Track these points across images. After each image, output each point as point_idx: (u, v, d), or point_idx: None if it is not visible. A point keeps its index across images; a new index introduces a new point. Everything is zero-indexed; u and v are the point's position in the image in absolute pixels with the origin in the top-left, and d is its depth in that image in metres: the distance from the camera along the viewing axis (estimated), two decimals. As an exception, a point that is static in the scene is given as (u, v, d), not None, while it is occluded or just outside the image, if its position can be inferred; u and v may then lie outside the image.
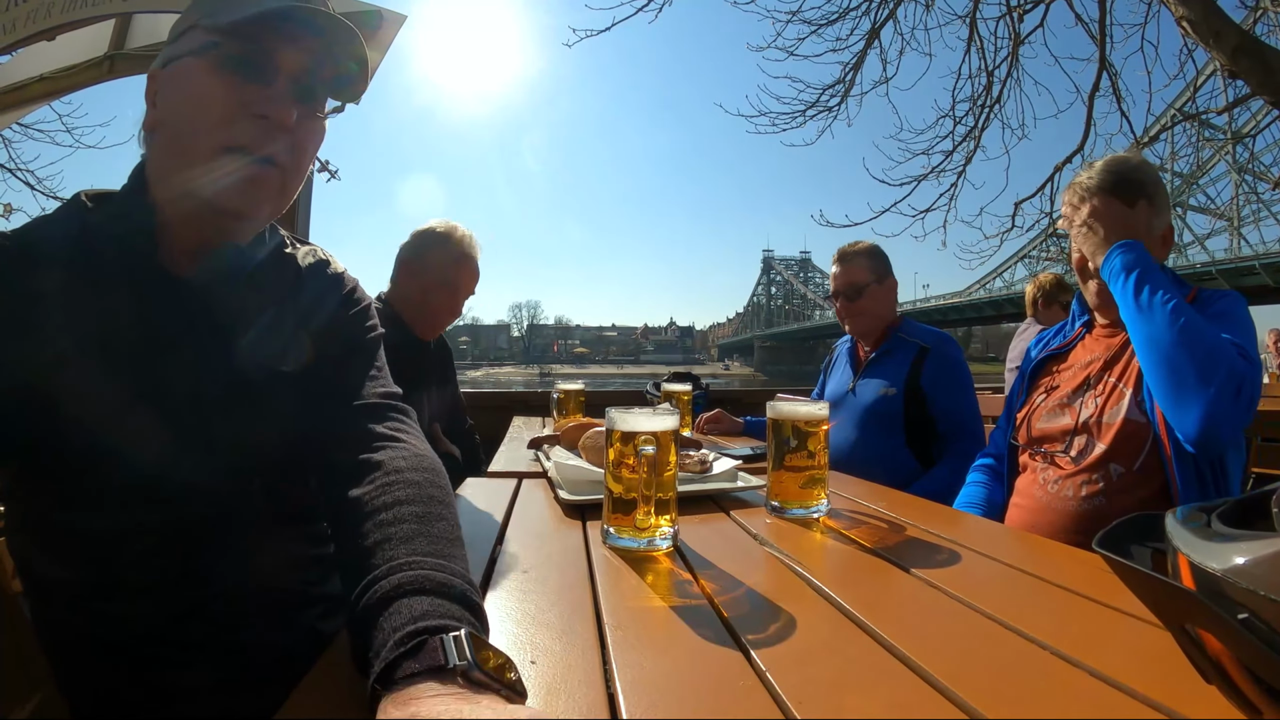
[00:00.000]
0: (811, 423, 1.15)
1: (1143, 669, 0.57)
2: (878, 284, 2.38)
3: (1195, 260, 57.49)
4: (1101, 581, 0.79)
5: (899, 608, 0.77)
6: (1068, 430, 1.47)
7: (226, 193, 0.79)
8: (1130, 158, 1.53)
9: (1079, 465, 1.42)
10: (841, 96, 6.63)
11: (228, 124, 0.78)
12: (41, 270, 0.77)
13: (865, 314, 2.37)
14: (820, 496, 1.16)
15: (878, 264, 2.40)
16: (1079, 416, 1.45)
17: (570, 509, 1.22)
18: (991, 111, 6.40)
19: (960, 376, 2.26)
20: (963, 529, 1.11)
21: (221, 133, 0.78)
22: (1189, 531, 0.49)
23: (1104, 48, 5.62)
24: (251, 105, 0.79)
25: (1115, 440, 1.37)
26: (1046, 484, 1.46)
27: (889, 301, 2.41)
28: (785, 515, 1.15)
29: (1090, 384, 1.48)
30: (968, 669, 0.58)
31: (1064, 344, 1.63)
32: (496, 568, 0.90)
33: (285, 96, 0.81)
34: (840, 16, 6.33)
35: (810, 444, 1.14)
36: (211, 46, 0.79)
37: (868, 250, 2.42)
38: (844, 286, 2.39)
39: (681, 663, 0.60)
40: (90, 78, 4.84)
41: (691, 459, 1.47)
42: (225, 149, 0.79)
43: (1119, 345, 1.47)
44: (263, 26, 0.79)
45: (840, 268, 2.42)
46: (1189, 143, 9.57)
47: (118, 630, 0.84)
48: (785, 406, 1.17)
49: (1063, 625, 0.69)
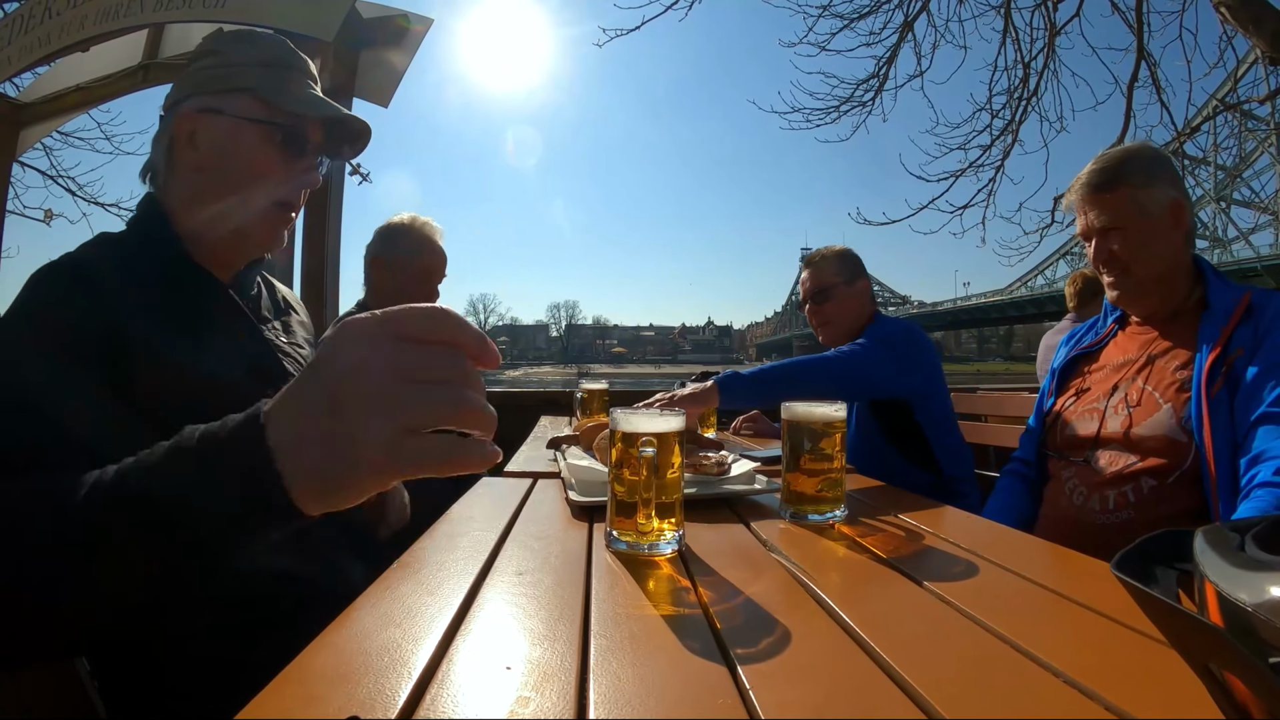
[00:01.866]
0: (830, 425, 1.10)
1: (1165, 705, 0.52)
2: (847, 285, 2.24)
3: (1240, 256, 54.77)
4: (1129, 600, 0.72)
5: (905, 624, 0.72)
6: (1096, 438, 1.39)
7: (269, 235, 1.01)
8: (1111, 153, 1.47)
9: (1107, 476, 1.34)
10: (875, 91, 6.50)
11: (280, 187, 0.99)
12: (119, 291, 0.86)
13: (834, 321, 2.24)
14: (837, 502, 1.11)
15: (847, 266, 2.26)
16: (1108, 424, 1.37)
17: (579, 511, 1.19)
18: (1029, 104, 6.21)
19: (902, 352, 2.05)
20: (984, 539, 1.05)
21: (275, 191, 0.99)
22: (1219, 555, 0.44)
23: (1141, 36, 5.40)
24: (297, 175, 1.00)
25: (1149, 453, 1.29)
26: (1073, 495, 1.39)
27: (859, 305, 2.26)
28: (800, 522, 1.11)
29: (1121, 389, 1.40)
30: (968, 695, 0.53)
31: (1095, 342, 1.55)
32: (493, 568, 0.88)
33: (316, 166, 1.03)
34: (873, 10, 6.23)
35: (826, 447, 1.09)
36: (269, 121, 0.97)
37: (838, 253, 2.30)
38: (812, 290, 2.26)
39: (662, 676, 0.57)
40: (125, 86, 5.03)
41: (709, 460, 1.44)
42: (275, 203, 1.00)
43: (1152, 346, 1.39)
44: (317, 120, 1.01)
45: (807, 272, 2.31)
46: (1231, 134, 9.14)
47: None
48: (800, 408, 1.12)
49: (1081, 649, 0.63)
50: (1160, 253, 1.39)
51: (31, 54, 4.43)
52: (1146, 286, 1.41)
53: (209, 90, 0.95)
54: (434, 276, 2.18)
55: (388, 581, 0.82)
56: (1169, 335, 1.39)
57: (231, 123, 0.95)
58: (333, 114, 1.01)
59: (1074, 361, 1.56)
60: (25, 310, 0.82)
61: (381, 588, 0.79)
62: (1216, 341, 1.27)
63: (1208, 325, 1.32)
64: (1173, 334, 1.39)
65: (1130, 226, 1.38)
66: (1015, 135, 6.38)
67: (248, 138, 0.96)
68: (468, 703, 0.53)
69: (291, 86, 0.98)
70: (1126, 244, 1.39)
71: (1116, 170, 1.41)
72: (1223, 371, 1.25)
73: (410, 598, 0.76)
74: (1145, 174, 1.39)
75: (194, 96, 0.95)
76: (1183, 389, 1.29)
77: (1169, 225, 1.38)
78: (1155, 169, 1.40)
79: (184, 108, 0.95)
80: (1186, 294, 1.41)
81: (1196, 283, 1.42)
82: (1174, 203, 1.38)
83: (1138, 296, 1.44)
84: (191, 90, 0.96)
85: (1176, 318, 1.41)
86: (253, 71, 0.96)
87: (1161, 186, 1.38)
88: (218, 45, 1.01)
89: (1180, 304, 1.41)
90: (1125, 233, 1.39)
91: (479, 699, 0.53)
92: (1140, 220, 1.38)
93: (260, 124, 0.96)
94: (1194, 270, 1.43)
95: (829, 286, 2.24)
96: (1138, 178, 1.39)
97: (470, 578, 0.83)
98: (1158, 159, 1.44)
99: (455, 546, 0.98)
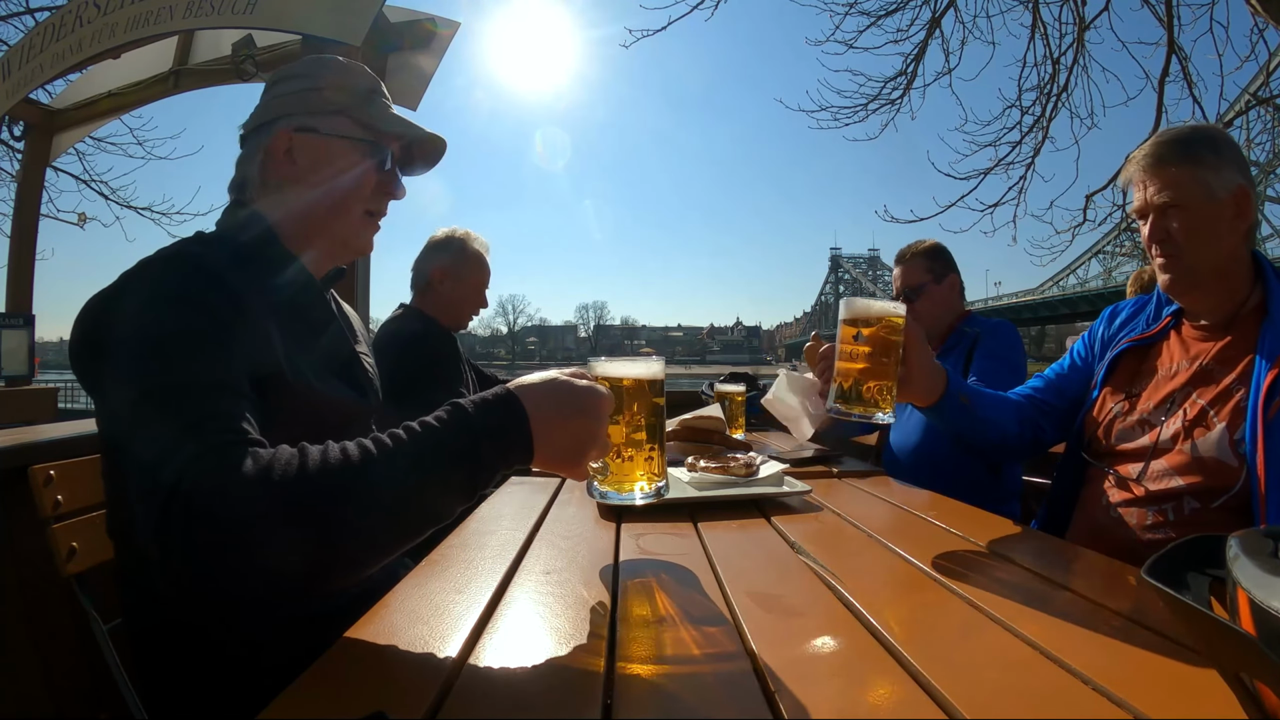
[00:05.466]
0: (886, 322, 1.08)
1: (1194, 714, 0.51)
2: (936, 283, 2.30)
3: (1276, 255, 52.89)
4: (1161, 607, 0.72)
5: (933, 628, 0.71)
6: (1143, 452, 1.29)
7: (363, 241, 1.13)
8: (1179, 128, 1.35)
9: (1148, 492, 1.25)
10: (904, 89, 6.40)
11: (374, 200, 1.12)
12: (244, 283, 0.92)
13: (924, 315, 2.29)
14: (888, 404, 1.09)
15: (937, 263, 2.32)
16: (1160, 441, 1.27)
17: (607, 511, 1.20)
18: (1059, 100, 6.05)
19: (1001, 351, 2.12)
20: (1020, 544, 1.03)
21: (370, 203, 1.11)
22: (1253, 562, 0.44)
23: (1172, 30, 5.24)
24: (388, 189, 1.13)
25: (1195, 474, 1.20)
26: (1110, 508, 1.31)
27: (950, 301, 2.32)
28: (849, 417, 1.09)
29: (1175, 401, 1.29)
30: (995, 700, 0.53)
31: (1147, 334, 1.43)
32: (520, 567, 0.89)
33: (399, 179, 1.16)
34: (900, 7, 6.11)
35: (880, 347, 1.08)
36: (367, 143, 1.09)
37: (927, 249, 2.35)
38: (902, 289, 2.34)
39: (686, 676, 0.58)
40: (157, 93, 5.14)
41: (738, 461, 1.44)
42: (368, 213, 1.12)
43: (1207, 354, 1.29)
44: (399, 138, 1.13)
45: (899, 269, 2.38)
46: (1264, 129, 8.85)
47: None
48: (860, 302, 1.11)
49: (1111, 656, 0.62)
50: (1219, 241, 1.27)
51: (63, 61, 4.54)
52: (1199, 276, 1.30)
53: (304, 111, 1.07)
54: (484, 284, 2.42)
55: (416, 579, 0.83)
56: (1225, 344, 1.29)
57: (327, 140, 1.06)
58: (420, 135, 1.14)
59: (1126, 355, 1.45)
60: (178, 294, 0.83)
61: (410, 585, 0.81)
62: (1278, 354, 1.18)
63: (1268, 336, 1.21)
64: (1230, 343, 1.28)
65: (1192, 206, 1.27)
66: (1046, 132, 6.23)
67: (342, 153, 1.07)
68: (494, 701, 0.54)
69: (378, 109, 1.11)
70: (1185, 225, 1.27)
71: (1185, 144, 1.29)
72: None
73: (438, 595, 0.77)
74: (1215, 153, 1.27)
75: (290, 116, 1.06)
76: (1240, 407, 1.19)
77: (1232, 213, 1.26)
78: (1226, 150, 1.28)
79: (279, 126, 1.05)
80: (1245, 295, 1.31)
81: (1256, 283, 1.31)
82: (1240, 189, 1.26)
83: (1190, 286, 1.32)
84: (286, 112, 1.07)
85: (1234, 323, 1.30)
86: (345, 95, 1.09)
87: (1230, 171, 1.26)
88: (304, 69, 1.11)
89: (1237, 306, 1.31)
90: (1186, 212, 1.27)
91: (505, 697, 0.54)
92: (1204, 201, 1.26)
93: (354, 141, 1.07)
94: (1253, 270, 1.33)
95: (918, 285, 2.30)
96: (1207, 156, 1.27)
97: (498, 576, 0.84)
98: (1228, 141, 1.32)
99: (483, 545, 1.00)
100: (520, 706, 0.53)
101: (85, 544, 1.19)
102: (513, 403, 0.76)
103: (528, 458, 0.76)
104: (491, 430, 0.74)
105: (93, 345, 0.83)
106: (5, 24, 7.46)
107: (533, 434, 0.76)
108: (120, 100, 5.40)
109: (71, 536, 1.18)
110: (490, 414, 0.75)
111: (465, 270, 2.33)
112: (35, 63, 4.70)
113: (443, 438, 0.72)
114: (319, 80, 1.08)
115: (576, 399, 0.79)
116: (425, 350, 2.16)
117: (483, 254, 2.40)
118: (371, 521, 0.67)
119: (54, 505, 1.18)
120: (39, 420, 4.42)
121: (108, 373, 0.81)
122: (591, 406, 0.80)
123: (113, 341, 0.80)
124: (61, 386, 8.33)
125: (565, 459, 0.80)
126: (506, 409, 0.75)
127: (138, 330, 0.79)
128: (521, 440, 0.75)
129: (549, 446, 0.77)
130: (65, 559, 1.16)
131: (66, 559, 1.16)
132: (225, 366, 0.79)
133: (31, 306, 6.02)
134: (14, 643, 1.55)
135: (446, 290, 2.31)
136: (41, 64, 4.66)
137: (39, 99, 5.65)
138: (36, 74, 4.70)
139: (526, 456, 0.76)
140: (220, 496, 0.64)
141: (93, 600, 1.17)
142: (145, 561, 0.93)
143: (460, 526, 1.09)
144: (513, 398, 0.76)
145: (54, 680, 1.48)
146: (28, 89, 4.85)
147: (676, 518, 1.18)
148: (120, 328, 0.80)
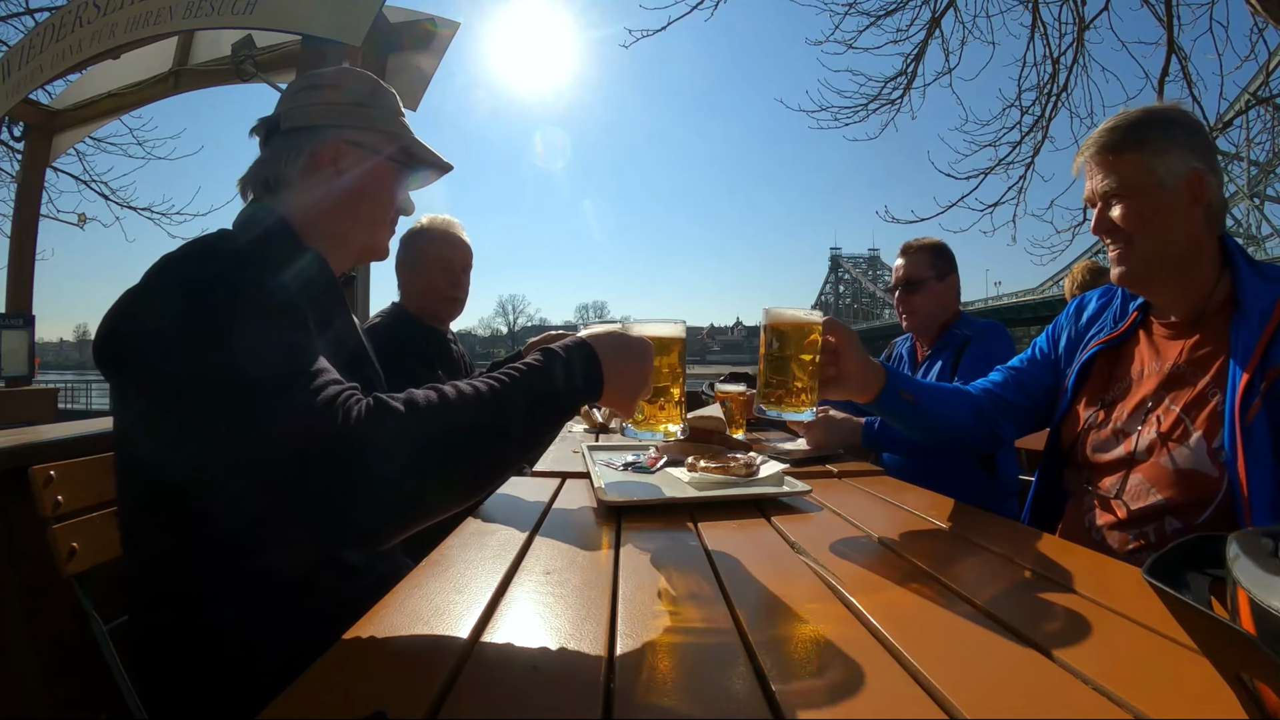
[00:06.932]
0: (802, 327, 1.14)
1: (1194, 714, 0.51)
2: (938, 280, 2.31)
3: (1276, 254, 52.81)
4: (1161, 607, 0.71)
5: (931, 627, 0.71)
6: (1119, 466, 1.24)
7: (385, 249, 1.25)
8: (1132, 111, 1.27)
9: (1128, 513, 1.20)
10: (904, 89, 6.38)
11: (395, 209, 1.22)
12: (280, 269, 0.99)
13: (920, 311, 2.32)
14: (808, 403, 1.15)
15: (941, 260, 2.33)
16: (1136, 453, 1.22)
17: (607, 511, 1.20)
18: (1059, 100, 6.03)
19: (993, 354, 2.08)
20: (1020, 544, 1.03)
21: (393, 213, 1.22)
22: (1253, 562, 0.44)
23: (1171, 30, 5.23)
24: (405, 200, 1.24)
25: (1174, 489, 1.15)
26: (1091, 529, 1.26)
27: (947, 300, 2.33)
28: (768, 415, 1.17)
29: (1149, 409, 1.23)
30: (994, 699, 0.53)
31: (1115, 333, 1.36)
32: (520, 567, 0.89)
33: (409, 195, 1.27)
34: (900, 7, 6.10)
35: (796, 350, 1.14)
36: (402, 164, 1.20)
37: (933, 246, 2.36)
38: (903, 280, 2.36)
39: (687, 676, 0.58)
40: (157, 93, 5.14)
41: (738, 461, 1.44)
42: (391, 222, 1.23)
43: (1178, 354, 1.23)
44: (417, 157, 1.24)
45: (902, 260, 2.39)
46: (1264, 129, 8.88)
47: None
48: (776, 311, 1.17)
49: (1111, 656, 0.62)
50: (1171, 230, 1.21)
51: (63, 61, 4.54)
52: (1154, 266, 1.24)
53: (358, 126, 1.15)
54: (453, 264, 2.28)
55: (416, 579, 0.83)
56: (1195, 342, 1.23)
57: (370, 157, 1.15)
58: (444, 165, 1.27)
59: (1097, 358, 1.39)
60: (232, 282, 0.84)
61: (410, 585, 0.81)
62: (1252, 353, 1.11)
63: (1240, 332, 1.14)
64: (1200, 341, 1.22)
65: (1139, 194, 1.21)
66: (1045, 132, 6.22)
67: (389, 175, 1.18)
68: (493, 701, 0.54)
69: (407, 132, 1.21)
70: (1133, 213, 1.22)
71: (1132, 128, 1.23)
72: (1261, 390, 1.08)
73: (438, 596, 0.77)
74: (1161, 136, 1.21)
75: (343, 129, 1.13)
76: (1217, 412, 1.13)
77: (1186, 200, 1.20)
78: (1174, 132, 1.22)
79: (331, 135, 1.12)
80: (1210, 286, 1.23)
81: (1223, 271, 1.24)
82: (1192, 173, 1.19)
83: (1144, 278, 1.26)
84: (339, 122, 1.14)
85: (1203, 319, 1.23)
86: (392, 122, 1.19)
87: (1179, 152, 1.20)
88: (351, 82, 1.17)
89: (1204, 299, 1.24)
90: (1132, 201, 1.22)
91: (505, 697, 0.54)
92: (1152, 188, 1.20)
93: (394, 166, 1.19)
94: (1220, 258, 1.25)
95: (920, 280, 2.31)
96: (1154, 138, 1.21)
97: (498, 576, 0.84)
98: (1179, 122, 1.24)
99: (483, 545, 1.00)
100: (520, 706, 0.53)
101: (86, 544, 1.19)
102: (588, 349, 0.89)
103: (598, 395, 0.89)
104: (573, 372, 0.86)
105: (142, 340, 0.81)
106: (5, 24, 7.44)
107: (604, 375, 0.88)
108: (120, 100, 5.41)
109: (72, 536, 1.18)
110: (574, 358, 0.87)
111: (416, 258, 2.28)
112: (35, 63, 4.70)
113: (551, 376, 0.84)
114: (369, 99, 1.17)
115: (634, 347, 0.94)
116: (391, 341, 2.05)
117: (443, 231, 2.31)
118: (510, 449, 0.79)
119: (54, 505, 1.18)
120: (39, 421, 4.42)
121: (178, 363, 0.77)
122: (646, 353, 0.95)
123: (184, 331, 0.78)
124: (62, 387, 8.33)
125: (625, 396, 0.93)
126: (584, 353, 0.88)
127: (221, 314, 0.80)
128: (596, 379, 0.88)
129: (613, 385, 0.90)
130: (65, 559, 1.16)
131: (67, 559, 1.16)
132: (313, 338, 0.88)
133: (31, 307, 6.03)
134: (14, 643, 1.55)
135: (407, 283, 2.30)
136: (41, 64, 4.66)
137: (39, 99, 5.66)
138: (36, 74, 4.70)
139: (597, 394, 0.89)
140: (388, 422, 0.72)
141: (93, 600, 1.17)
142: (155, 560, 0.94)
143: (460, 527, 1.09)
144: (587, 345, 0.89)
145: (54, 680, 1.48)
146: (28, 89, 4.85)
147: (676, 518, 1.18)
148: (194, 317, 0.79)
